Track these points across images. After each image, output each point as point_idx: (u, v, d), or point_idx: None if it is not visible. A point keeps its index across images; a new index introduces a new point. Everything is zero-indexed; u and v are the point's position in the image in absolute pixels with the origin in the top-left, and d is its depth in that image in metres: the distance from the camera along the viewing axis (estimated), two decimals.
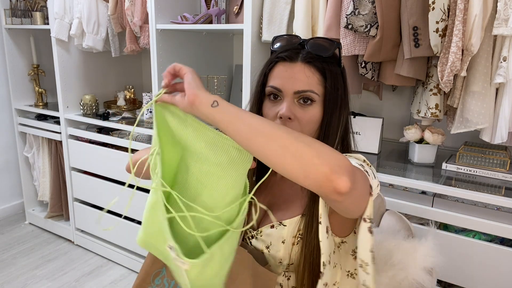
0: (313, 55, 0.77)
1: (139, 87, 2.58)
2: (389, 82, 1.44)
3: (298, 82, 0.76)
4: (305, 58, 0.77)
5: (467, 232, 1.27)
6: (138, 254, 2.19)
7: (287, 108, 0.76)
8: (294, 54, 0.78)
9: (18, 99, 2.54)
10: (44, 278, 2.12)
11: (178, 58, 1.89)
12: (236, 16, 1.85)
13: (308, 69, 0.76)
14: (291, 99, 0.77)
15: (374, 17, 1.33)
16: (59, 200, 2.57)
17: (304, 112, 0.77)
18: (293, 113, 0.76)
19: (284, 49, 0.79)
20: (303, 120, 0.77)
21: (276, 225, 0.81)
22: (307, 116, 0.77)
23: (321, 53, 0.77)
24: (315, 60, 0.77)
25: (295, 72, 0.76)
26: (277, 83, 0.78)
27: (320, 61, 0.77)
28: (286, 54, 0.78)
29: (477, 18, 1.17)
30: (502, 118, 1.25)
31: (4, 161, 2.73)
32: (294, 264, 0.80)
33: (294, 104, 0.77)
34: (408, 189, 1.32)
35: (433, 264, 0.89)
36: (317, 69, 0.77)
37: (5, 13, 2.39)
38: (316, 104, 0.77)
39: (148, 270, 0.80)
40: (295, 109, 0.77)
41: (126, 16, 1.96)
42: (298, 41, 0.80)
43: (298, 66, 0.77)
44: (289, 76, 0.77)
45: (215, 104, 0.59)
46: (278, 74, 0.78)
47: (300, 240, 0.78)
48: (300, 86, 0.76)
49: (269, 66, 0.80)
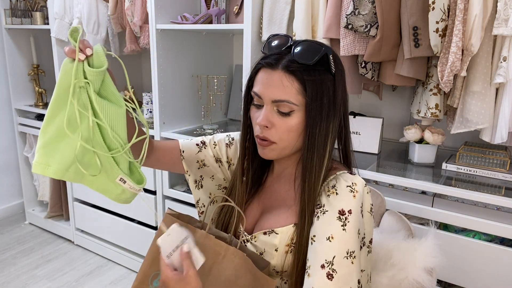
0: (295, 64, 0.74)
1: (139, 87, 2.58)
2: (389, 82, 1.44)
3: (275, 91, 0.74)
4: (285, 66, 0.74)
5: (467, 232, 1.27)
6: (138, 254, 2.19)
7: (264, 116, 0.75)
8: (276, 61, 0.75)
9: (18, 99, 2.54)
10: (44, 278, 2.12)
11: (178, 58, 1.89)
12: (236, 16, 1.85)
13: (286, 79, 0.73)
14: (270, 107, 0.76)
15: (374, 17, 1.33)
16: (59, 200, 2.57)
17: (282, 121, 0.75)
18: (271, 121, 0.75)
19: (269, 54, 0.78)
20: (281, 129, 0.76)
21: (268, 232, 0.81)
22: (285, 125, 0.75)
23: (305, 61, 0.73)
24: (296, 70, 0.73)
25: (273, 80, 0.74)
26: (258, 89, 0.77)
27: (301, 70, 0.73)
28: (267, 61, 0.76)
29: (477, 18, 1.16)
30: (502, 118, 1.25)
31: (4, 161, 2.73)
32: (288, 271, 0.80)
33: (273, 112, 0.76)
34: (408, 189, 1.32)
35: (433, 264, 0.89)
36: (297, 79, 0.73)
37: (5, 13, 2.39)
38: (295, 114, 0.75)
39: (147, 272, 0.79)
40: (274, 117, 0.76)
41: (126, 16, 1.96)
42: (286, 43, 0.77)
43: (277, 74, 0.74)
44: (268, 83, 0.75)
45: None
46: (260, 80, 0.77)
47: (293, 249, 0.78)
48: (277, 95, 0.74)
49: (254, 70, 0.80)
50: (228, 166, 0.95)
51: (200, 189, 0.97)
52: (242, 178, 0.87)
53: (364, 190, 0.77)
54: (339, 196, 0.75)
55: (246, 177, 0.87)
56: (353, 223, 0.73)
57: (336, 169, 0.81)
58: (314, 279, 0.71)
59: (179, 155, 0.95)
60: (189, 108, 2.00)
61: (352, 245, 0.72)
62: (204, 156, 0.95)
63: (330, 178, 0.79)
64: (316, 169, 0.76)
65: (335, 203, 0.75)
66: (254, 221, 0.86)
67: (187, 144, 0.96)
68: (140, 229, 2.10)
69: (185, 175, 0.97)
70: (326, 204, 0.75)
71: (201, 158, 0.95)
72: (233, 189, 0.89)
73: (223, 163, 0.96)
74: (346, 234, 0.73)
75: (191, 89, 1.99)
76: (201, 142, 0.96)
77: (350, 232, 0.73)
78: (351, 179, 0.77)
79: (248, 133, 0.85)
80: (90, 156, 0.66)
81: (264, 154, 0.80)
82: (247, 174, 0.87)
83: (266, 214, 0.85)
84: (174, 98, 1.91)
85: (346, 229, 0.73)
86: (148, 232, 2.06)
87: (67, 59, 0.64)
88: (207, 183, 0.97)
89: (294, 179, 0.84)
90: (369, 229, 0.78)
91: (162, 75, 1.83)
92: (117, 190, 0.69)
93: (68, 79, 0.62)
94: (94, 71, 0.62)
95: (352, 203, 0.74)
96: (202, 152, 0.95)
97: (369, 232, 0.79)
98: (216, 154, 0.95)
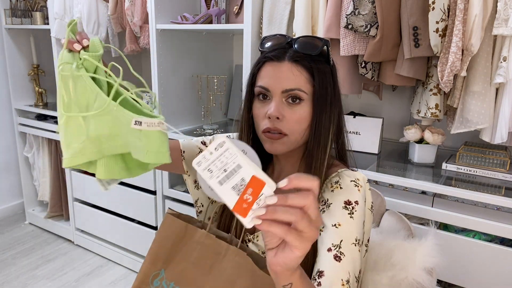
0: (300, 54, 0.76)
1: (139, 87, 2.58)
2: (389, 82, 1.44)
3: (285, 81, 0.76)
4: (292, 57, 0.76)
5: (467, 232, 1.27)
6: (138, 254, 2.19)
7: (275, 107, 0.76)
8: (281, 54, 0.77)
9: (18, 99, 2.54)
10: (44, 278, 2.12)
11: (178, 58, 1.89)
12: (236, 16, 1.85)
13: (296, 68, 0.76)
14: (279, 99, 0.76)
15: (374, 17, 1.33)
16: (59, 200, 2.57)
17: (292, 112, 0.76)
18: (281, 112, 0.76)
19: (272, 49, 0.79)
20: (291, 120, 0.76)
21: None
22: (295, 115, 0.76)
23: (309, 51, 0.76)
24: (303, 59, 0.76)
25: (282, 71, 0.76)
26: (265, 82, 0.77)
27: (308, 59, 0.76)
28: (273, 54, 0.78)
29: (477, 18, 1.17)
30: (502, 118, 1.25)
31: (4, 161, 2.73)
32: None
33: (282, 103, 0.77)
34: (408, 189, 1.32)
35: (433, 264, 0.89)
36: (305, 68, 0.76)
37: (5, 13, 2.39)
38: (304, 103, 0.77)
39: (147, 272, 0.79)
40: (284, 108, 0.77)
41: (126, 16, 1.96)
42: (286, 40, 0.80)
43: (285, 65, 0.76)
44: (276, 75, 0.76)
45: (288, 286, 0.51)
46: (266, 74, 0.78)
47: None
48: (287, 84, 0.75)
49: (257, 66, 0.80)
50: None
51: (200, 189, 0.97)
52: None
53: (366, 186, 0.78)
54: (343, 190, 0.76)
55: None
56: (360, 213, 0.74)
57: (337, 166, 0.82)
58: (320, 263, 0.70)
59: (179, 156, 0.95)
60: (189, 108, 2.00)
61: (359, 234, 0.72)
62: None
63: (333, 175, 0.79)
64: (321, 157, 0.78)
65: (340, 196, 0.75)
66: None
67: (188, 144, 0.96)
68: (140, 229, 2.10)
69: (184, 175, 0.97)
70: (330, 198, 0.76)
71: None
72: None
73: None
74: (354, 221, 0.72)
75: (191, 89, 1.99)
76: (202, 143, 0.96)
77: (357, 221, 0.73)
78: (353, 175, 0.78)
79: (251, 133, 0.85)
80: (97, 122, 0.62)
81: (274, 148, 0.79)
82: None
83: None
84: (174, 98, 1.91)
85: (353, 217, 0.73)
86: (148, 232, 2.06)
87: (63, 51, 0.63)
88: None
89: None
90: (368, 227, 0.78)
91: (162, 75, 1.83)
92: (141, 141, 0.60)
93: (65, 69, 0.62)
94: (89, 54, 0.62)
95: (357, 195, 0.75)
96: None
97: (368, 230, 0.79)
98: None
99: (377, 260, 0.92)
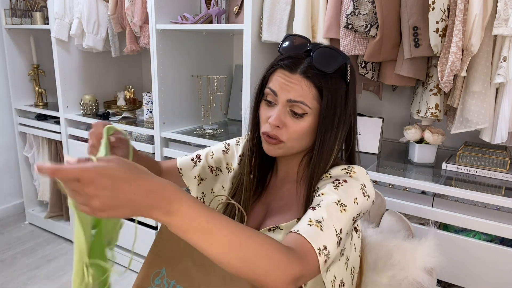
0: (313, 71, 0.75)
1: (139, 87, 2.58)
2: (389, 82, 1.44)
3: (292, 92, 0.75)
4: (304, 72, 0.75)
5: (467, 232, 1.27)
6: (138, 254, 2.18)
7: (277, 116, 0.76)
8: (295, 64, 0.76)
9: (18, 99, 2.54)
10: (44, 278, 2.12)
11: (178, 58, 1.89)
12: (236, 16, 1.85)
13: (305, 83, 0.75)
14: (283, 107, 0.76)
15: (374, 17, 1.33)
16: (59, 200, 2.57)
17: (294, 122, 0.76)
18: (283, 121, 0.76)
19: (288, 56, 0.78)
20: (291, 129, 0.77)
21: (273, 228, 0.81)
22: (296, 127, 0.76)
23: (323, 68, 0.74)
24: (314, 76, 0.74)
25: (292, 82, 0.75)
26: (274, 86, 0.78)
27: (320, 77, 0.74)
28: (286, 63, 0.77)
29: (477, 18, 1.17)
30: (502, 118, 1.25)
31: (4, 161, 2.73)
32: None
33: (285, 112, 0.77)
34: (408, 189, 1.32)
35: (433, 264, 0.89)
36: (315, 85, 0.75)
37: (5, 13, 2.39)
38: (308, 117, 0.76)
39: (148, 270, 0.80)
40: (286, 117, 0.77)
41: (126, 16, 1.96)
42: (305, 47, 0.78)
43: (296, 78, 0.75)
44: (285, 83, 0.76)
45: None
46: (277, 80, 0.78)
47: None
48: (293, 95, 0.75)
49: (270, 70, 0.80)
50: (228, 172, 0.97)
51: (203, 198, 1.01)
52: (249, 176, 0.87)
53: (363, 177, 0.77)
54: (333, 177, 0.76)
55: (253, 174, 0.88)
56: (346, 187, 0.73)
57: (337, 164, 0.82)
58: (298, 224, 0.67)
59: (177, 173, 0.99)
60: (189, 108, 2.00)
61: (342, 199, 0.70)
62: (200, 170, 0.98)
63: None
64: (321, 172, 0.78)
65: (328, 181, 0.75)
66: (259, 222, 0.87)
67: (184, 161, 1.00)
68: (140, 229, 2.10)
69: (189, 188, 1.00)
70: (321, 187, 0.76)
71: (197, 173, 0.98)
72: (238, 188, 0.89)
73: (223, 170, 0.98)
74: (338, 191, 0.71)
75: (191, 89, 1.99)
76: (196, 157, 0.99)
77: (342, 190, 0.72)
78: (348, 166, 0.78)
79: (256, 131, 0.86)
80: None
81: (269, 151, 0.81)
82: (254, 171, 0.88)
83: (270, 214, 0.86)
84: (174, 98, 1.91)
85: (338, 188, 0.72)
86: (148, 232, 2.06)
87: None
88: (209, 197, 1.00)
89: (297, 179, 0.85)
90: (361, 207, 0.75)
91: (162, 75, 1.83)
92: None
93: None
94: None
95: (347, 178, 0.75)
96: (197, 166, 0.98)
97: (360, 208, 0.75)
98: (213, 164, 0.98)
99: (377, 260, 0.92)
